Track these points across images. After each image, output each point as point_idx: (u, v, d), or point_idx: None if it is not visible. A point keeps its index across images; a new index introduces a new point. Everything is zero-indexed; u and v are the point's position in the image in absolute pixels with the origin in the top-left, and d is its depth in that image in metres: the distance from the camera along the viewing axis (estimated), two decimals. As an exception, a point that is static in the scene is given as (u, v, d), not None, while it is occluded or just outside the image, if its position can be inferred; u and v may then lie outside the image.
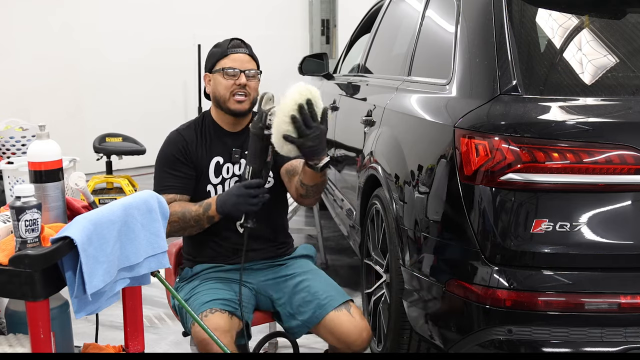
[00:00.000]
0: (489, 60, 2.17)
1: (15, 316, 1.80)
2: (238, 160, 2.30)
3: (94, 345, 1.97)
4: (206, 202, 2.18)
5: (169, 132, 2.35)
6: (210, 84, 2.31)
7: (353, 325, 2.13)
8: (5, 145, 5.37)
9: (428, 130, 2.36)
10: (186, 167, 2.25)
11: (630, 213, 1.96)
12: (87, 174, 5.13)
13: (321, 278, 2.26)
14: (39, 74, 6.68)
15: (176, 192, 2.24)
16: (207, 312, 2.07)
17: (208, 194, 2.27)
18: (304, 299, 2.19)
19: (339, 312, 2.14)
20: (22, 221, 1.56)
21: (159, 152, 2.31)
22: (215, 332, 1.94)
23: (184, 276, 2.31)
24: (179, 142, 2.27)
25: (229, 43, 2.29)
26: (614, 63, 2.19)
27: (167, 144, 2.30)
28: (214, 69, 2.28)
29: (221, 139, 2.30)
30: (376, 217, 2.83)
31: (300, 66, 4.77)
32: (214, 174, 2.28)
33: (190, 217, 2.16)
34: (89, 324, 2.72)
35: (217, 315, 2.06)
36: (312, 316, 2.16)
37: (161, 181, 2.26)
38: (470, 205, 2.03)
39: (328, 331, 2.15)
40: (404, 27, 3.26)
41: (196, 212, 2.16)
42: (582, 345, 1.93)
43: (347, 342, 2.14)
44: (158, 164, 2.29)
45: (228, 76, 2.24)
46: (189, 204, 2.20)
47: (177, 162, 2.25)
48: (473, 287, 2.01)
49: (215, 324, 2.02)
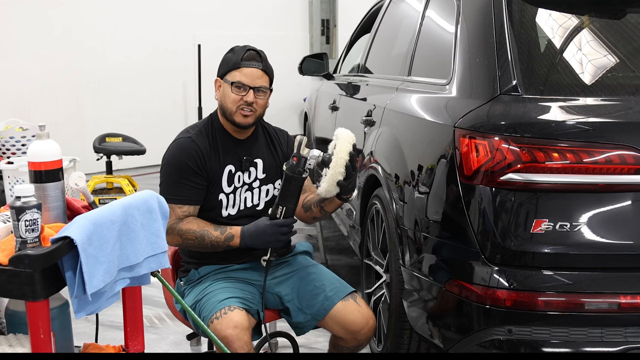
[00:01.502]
0: (489, 60, 2.17)
1: (15, 316, 1.80)
2: (248, 168, 2.29)
3: (94, 345, 1.97)
4: (228, 232, 2.17)
5: (178, 134, 2.28)
6: (220, 91, 2.26)
7: (360, 314, 2.20)
8: (5, 145, 5.37)
9: (428, 130, 2.36)
10: (200, 178, 2.21)
11: (630, 213, 1.96)
12: (87, 174, 5.14)
13: (324, 272, 2.32)
14: (39, 74, 6.68)
15: (190, 204, 2.20)
16: (226, 309, 2.07)
17: (220, 202, 2.24)
18: (311, 292, 2.23)
19: (346, 302, 2.21)
20: (22, 221, 1.56)
21: (169, 156, 2.22)
22: (236, 329, 2.00)
23: (191, 278, 2.29)
24: (193, 151, 2.20)
25: (244, 54, 2.21)
26: (614, 63, 2.19)
27: (180, 150, 2.21)
28: (225, 77, 2.23)
29: (230, 146, 2.28)
30: (376, 217, 2.83)
31: (300, 66, 4.78)
32: (226, 183, 2.25)
33: (208, 241, 2.16)
34: (89, 324, 2.72)
35: (236, 312, 2.07)
36: (320, 308, 2.21)
37: (174, 190, 2.19)
38: (470, 205, 2.03)
39: (336, 322, 2.21)
40: (404, 27, 3.26)
41: (216, 238, 2.16)
42: (582, 345, 1.93)
43: (354, 331, 2.20)
44: (170, 171, 2.21)
45: (237, 90, 2.20)
46: (207, 225, 2.18)
47: (192, 172, 2.19)
48: (473, 287, 2.01)
49: (237, 321, 2.04)
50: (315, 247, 4.12)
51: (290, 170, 2.09)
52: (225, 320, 2.03)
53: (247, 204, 2.29)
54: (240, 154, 2.29)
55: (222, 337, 2.01)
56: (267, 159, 2.33)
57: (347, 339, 2.23)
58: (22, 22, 6.56)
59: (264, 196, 2.33)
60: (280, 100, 7.89)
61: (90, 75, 7.10)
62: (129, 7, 7.31)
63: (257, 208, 2.32)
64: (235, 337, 2.00)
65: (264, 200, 2.33)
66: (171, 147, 2.24)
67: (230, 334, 2.00)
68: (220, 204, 2.25)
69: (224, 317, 2.05)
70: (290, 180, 2.10)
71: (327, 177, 2.12)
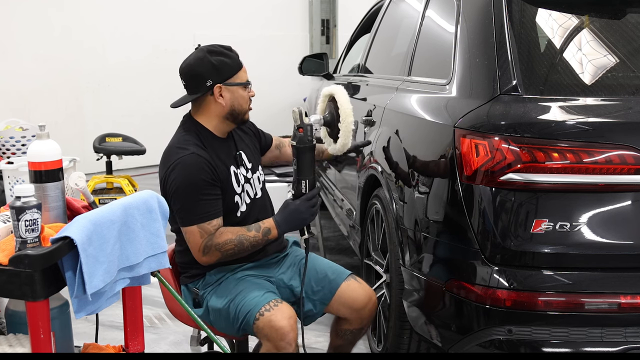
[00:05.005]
0: (489, 60, 2.17)
1: (15, 316, 1.80)
2: (242, 163, 2.30)
3: (94, 345, 1.97)
4: (263, 227, 2.16)
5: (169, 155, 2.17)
6: (226, 96, 2.19)
7: (363, 290, 2.31)
8: (5, 145, 5.37)
9: (428, 130, 2.36)
10: (217, 189, 2.17)
11: (630, 213, 1.96)
12: (87, 174, 5.14)
13: (319, 259, 2.40)
14: (39, 74, 6.68)
15: (217, 216, 2.15)
16: (275, 302, 2.08)
17: (236, 204, 2.23)
18: (314, 279, 2.30)
19: (348, 282, 2.31)
20: (22, 221, 1.57)
21: (181, 179, 2.10)
22: (290, 320, 2.04)
23: (209, 282, 2.24)
24: (204, 165, 2.13)
25: (234, 53, 2.23)
26: (614, 63, 2.19)
27: (190, 169, 2.11)
28: (232, 81, 2.19)
29: (222, 148, 2.26)
30: (376, 217, 2.83)
31: (300, 66, 4.77)
32: (236, 184, 2.25)
33: (248, 244, 2.15)
34: (89, 324, 2.72)
35: (285, 305, 2.09)
36: (326, 293, 2.29)
37: (198, 210, 2.11)
38: (470, 205, 2.03)
39: (342, 303, 2.29)
40: (404, 27, 3.26)
41: (254, 237, 2.15)
42: (582, 345, 1.93)
43: (359, 309, 2.29)
44: (187, 192, 2.10)
45: (247, 89, 2.24)
46: (239, 230, 2.16)
47: (209, 186, 2.13)
48: (473, 287, 2.01)
49: (290, 313, 2.06)
50: (315, 247, 4.11)
51: (301, 142, 2.13)
52: (278, 311, 2.04)
53: (250, 196, 2.31)
54: (230, 151, 2.29)
55: (277, 328, 2.01)
56: (246, 149, 2.36)
57: (352, 319, 2.30)
58: (22, 22, 6.56)
59: (258, 184, 2.35)
60: (281, 101, 7.89)
61: (90, 75, 7.10)
62: (129, 7, 7.31)
63: (257, 197, 2.33)
64: (290, 328, 2.02)
65: (258, 187, 2.35)
66: (178, 170, 2.11)
67: (287, 324, 2.02)
68: (237, 206, 2.25)
69: (275, 309, 2.05)
70: (304, 152, 2.14)
71: (341, 132, 2.27)
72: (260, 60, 7.90)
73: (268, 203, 2.40)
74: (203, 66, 2.18)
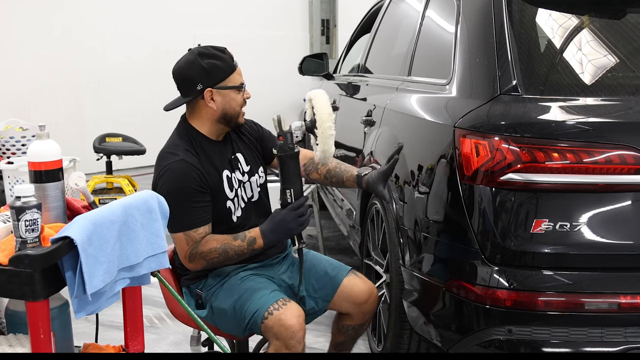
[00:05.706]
0: (489, 60, 2.17)
1: (15, 316, 1.80)
2: (238, 166, 2.28)
3: (94, 345, 1.97)
4: (248, 237, 2.13)
5: (161, 160, 2.16)
6: (217, 100, 2.16)
7: (365, 285, 2.30)
8: (5, 145, 5.37)
9: (428, 130, 2.36)
10: (206, 195, 2.15)
11: (630, 213, 1.96)
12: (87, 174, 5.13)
13: (318, 256, 2.40)
14: (39, 74, 6.68)
15: (205, 224, 2.14)
16: (284, 300, 2.08)
17: (229, 210, 2.22)
18: (315, 277, 2.30)
19: (349, 277, 2.30)
20: (22, 221, 1.56)
21: (169, 186, 2.09)
22: (299, 319, 2.03)
23: (212, 283, 2.23)
24: (192, 172, 2.11)
25: (227, 55, 2.19)
26: (614, 63, 2.19)
27: (178, 175, 2.10)
28: (224, 85, 2.16)
29: (216, 152, 2.23)
30: (376, 217, 2.83)
31: (300, 66, 4.77)
32: (228, 189, 2.22)
33: (232, 253, 2.12)
34: (89, 324, 2.72)
35: (293, 304, 2.09)
36: (328, 289, 2.28)
37: (186, 218, 2.10)
38: (471, 205, 2.03)
39: (344, 298, 2.28)
40: (404, 27, 3.26)
41: (239, 247, 2.12)
42: (582, 345, 1.93)
43: (361, 303, 2.29)
44: (176, 199, 2.05)
45: (241, 92, 2.20)
46: (225, 238, 2.13)
47: (197, 193, 2.11)
48: (473, 287, 2.01)
49: (299, 312, 2.05)
50: (315, 247, 4.12)
51: (282, 151, 2.08)
52: (288, 310, 2.04)
53: (246, 200, 2.29)
54: (225, 155, 2.26)
55: (287, 327, 2.00)
56: (245, 151, 2.33)
57: (354, 314, 2.30)
58: (22, 22, 6.56)
59: (255, 187, 2.32)
60: (281, 101, 7.89)
61: (90, 75, 7.10)
62: (129, 7, 7.31)
63: (252, 200, 2.31)
64: (300, 327, 2.02)
65: (256, 191, 2.32)
66: (167, 177, 2.11)
67: (296, 322, 2.02)
68: (230, 211, 2.22)
69: (284, 307, 2.05)
70: (286, 160, 2.09)
71: (318, 138, 2.16)
72: (260, 60, 7.90)
73: (268, 207, 2.37)
74: (193, 69, 2.16)
